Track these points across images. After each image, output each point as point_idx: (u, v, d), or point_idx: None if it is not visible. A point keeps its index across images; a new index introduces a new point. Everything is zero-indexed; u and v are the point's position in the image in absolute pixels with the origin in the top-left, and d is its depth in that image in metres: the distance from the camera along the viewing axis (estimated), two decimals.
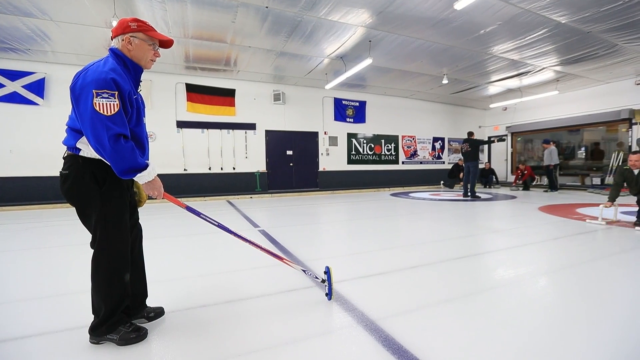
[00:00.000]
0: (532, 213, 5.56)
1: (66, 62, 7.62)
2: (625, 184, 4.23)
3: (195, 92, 9.02)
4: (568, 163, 11.56)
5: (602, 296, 2.11)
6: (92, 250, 1.57)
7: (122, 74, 1.46)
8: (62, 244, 3.93)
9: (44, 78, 7.50)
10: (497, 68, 8.57)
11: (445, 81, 9.29)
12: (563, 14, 5.53)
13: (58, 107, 7.70)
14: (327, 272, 2.05)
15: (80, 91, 1.39)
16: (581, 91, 10.78)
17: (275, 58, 7.73)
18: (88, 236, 1.58)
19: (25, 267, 2.96)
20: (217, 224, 1.91)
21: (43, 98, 7.52)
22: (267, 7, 5.29)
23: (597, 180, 10.14)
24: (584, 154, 11.26)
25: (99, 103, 1.35)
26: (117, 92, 1.39)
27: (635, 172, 4.07)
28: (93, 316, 1.59)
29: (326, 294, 2.07)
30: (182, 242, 3.88)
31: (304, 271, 2.15)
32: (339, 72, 8.58)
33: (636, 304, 2.00)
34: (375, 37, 6.53)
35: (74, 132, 1.49)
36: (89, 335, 1.58)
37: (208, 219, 1.88)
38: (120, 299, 1.57)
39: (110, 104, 1.36)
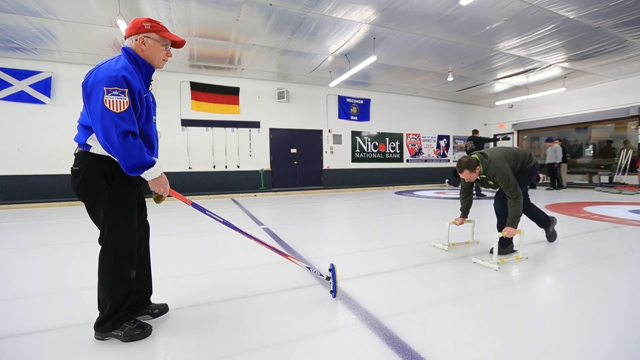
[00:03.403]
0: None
1: (72, 61, 7.68)
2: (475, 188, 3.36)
3: (200, 91, 9.05)
4: (575, 161, 11.42)
5: (606, 296, 2.08)
6: (99, 247, 1.59)
7: (133, 72, 1.48)
8: (68, 241, 3.97)
9: (50, 77, 7.57)
10: (503, 65, 8.47)
11: (450, 78, 9.21)
12: (571, 9, 5.44)
13: (64, 106, 7.77)
14: (332, 269, 2.05)
15: (92, 88, 1.40)
16: (589, 88, 10.62)
17: (279, 56, 7.72)
18: (93, 234, 1.59)
19: (30, 264, 3.00)
20: (222, 220, 1.92)
21: (50, 97, 7.59)
22: (271, 5, 5.28)
23: (605, 179, 10.00)
24: (592, 151, 11.11)
25: (109, 100, 1.37)
26: (127, 90, 1.41)
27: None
28: (98, 312, 1.61)
29: (331, 291, 2.08)
30: (186, 240, 3.89)
31: (309, 268, 2.15)
32: (343, 69, 8.55)
33: (637, 305, 1.97)
34: (379, 34, 6.49)
35: (85, 128, 1.51)
36: (94, 332, 1.59)
37: (213, 215, 1.89)
38: (126, 295, 1.59)
39: (120, 101, 1.38)
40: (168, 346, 1.56)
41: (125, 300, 1.59)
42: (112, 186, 1.52)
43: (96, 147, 1.49)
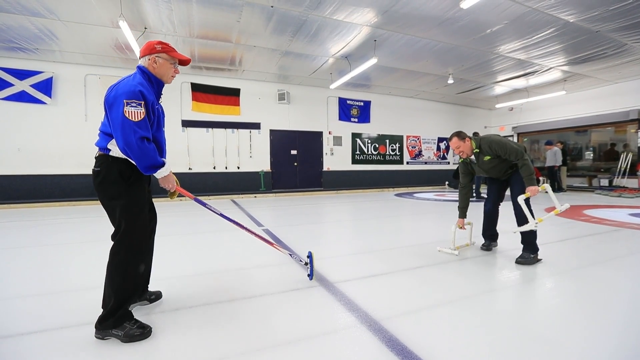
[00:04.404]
0: (538, 214, 5.48)
1: (73, 62, 7.69)
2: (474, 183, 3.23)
3: (201, 92, 9.06)
4: (575, 164, 11.43)
5: (606, 299, 2.08)
6: (111, 243, 1.70)
7: (147, 87, 1.71)
8: (67, 241, 3.96)
9: (51, 77, 7.58)
10: (503, 68, 8.49)
11: (450, 81, 9.23)
12: (571, 12, 5.46)
13: (65, 106, 7.79)
14: (310, 256, 2.40)
15: (114, 100, 1.62)
16: (589, 91, 10.65)
17: (280, 57, 7.74)
18: (92, 234, 1.60)
19: (29, 264, 2.99)
20: (219, 213, 2.21)
21: (50, 97, 7.60)
22: (272, 7, 5.30)
23: (605, 182, 10.00)
24: (592, 154, 11.12)
25: (128, 111, 1.58)
26: (143, 102, 1.63)
27: (472, 158, 3.04)
28: (100, 311, 1.64)
29: (308, 275, 2.40)
30: (184, 241, 3.89)
31: (290, 255, 2.49)
32: (343, 71, 8.57)
33: (637, 305, 1.97)
34: (380, 37, 6.51)
35: (106, 135, 1.71)
36: (94, 330, 1.61)
37: (212, 208, 2.19)
38: (131, 293, 1.70)
39: (137, 111, 1.60)
40: (167, 348, 1.56)
41: (130, 297, 1.69)
42: (128, 184, 1.71)
43: (115, 151, 1.69)
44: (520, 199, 2.71)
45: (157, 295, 2.08)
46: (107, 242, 1.72)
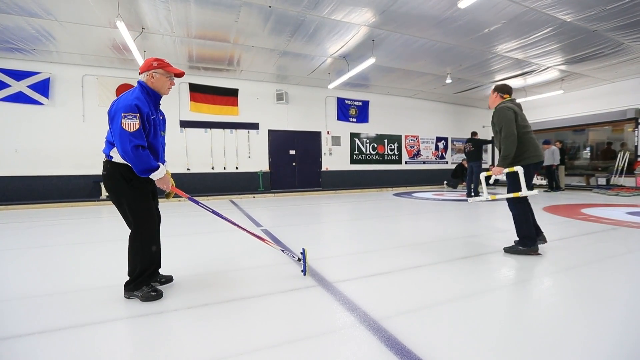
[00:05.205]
0: (536, 213, 5.51)
1: (71, 62, 7.67)
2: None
3: (199, 92, 9.05)
4: (573, 163, 11.46)
5: (604, 298, 2.08)
6: (109, 244, 1.95)
7: (144, 100, 1.98)
8: (65, 242, 3.94)
9: (48, 78, 7.56)
10: (501, 67, 8.51)
11: (448, 80, 9.25)
12: (568, 12, 5.48)
13: (62, 107, 7.76)
14: (303, 252, 2.51)
15: (114, 113, 1.91)
16: (586, 90, 10.69)
17: (278, 57, 7.73)
18: (90, 235, 1.60)
19: (28, 266, 2.98)
20: (212, 210, 2.44)
21: (48, 98, 7.57)
22: (270, 7, 5.29)
23: (602, 181, 10.04)
24: (589, 154, 11.16)
25: (125, 122, 1.85)
26: (138, 115, 1.89)
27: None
28: (128, 277, 2.08)
29: (302, 271, 2.49)
30: (180, 242, 3.89)
31: (283, 250, 2.64)
32: (342, 71, 8.57)
33: (636, 304, 1.98)
34: (378, 36, 6.51)
35: (109, 143, 1.99)
36: (123, 290, 2.08)
37: (205, 207, 2.46)
38: (149, 264, 2.09)
39: (133, 123, 1.86)
40: (166, 349, 1.55)
41: (148, 268, 2.08)
42: (130, 185, 2.01)
43: (116, 157, 1.98)
44: (482, 175, 3.03)
45: (168, 279, 2.35)
46: (106, 244, 1.73)
